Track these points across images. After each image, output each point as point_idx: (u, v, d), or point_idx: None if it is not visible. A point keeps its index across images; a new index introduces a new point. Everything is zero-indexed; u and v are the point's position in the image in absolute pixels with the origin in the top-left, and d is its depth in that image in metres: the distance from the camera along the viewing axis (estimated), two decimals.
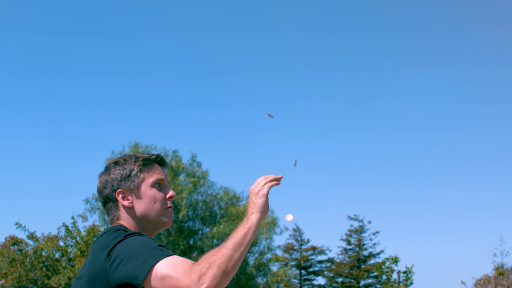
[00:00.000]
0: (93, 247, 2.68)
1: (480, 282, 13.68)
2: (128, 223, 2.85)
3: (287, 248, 68.16)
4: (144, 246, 2.52)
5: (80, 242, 26.26)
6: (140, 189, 2.85)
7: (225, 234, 25.07)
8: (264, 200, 2.71)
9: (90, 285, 2.60)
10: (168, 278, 2.41)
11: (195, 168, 26.71)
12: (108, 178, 2.90)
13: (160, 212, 2.86)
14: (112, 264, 2.53)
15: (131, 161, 2.90)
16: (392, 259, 31.17)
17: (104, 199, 2.93)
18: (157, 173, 2.90)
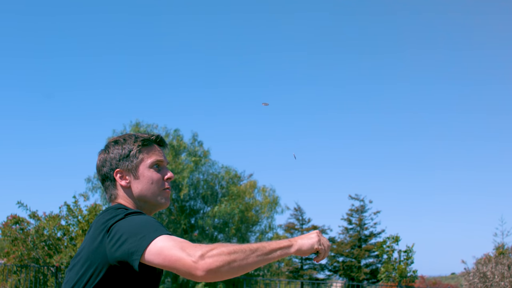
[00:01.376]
0: (93, 224, 2.68)
1: (481, 261, 13.70)
2: (126, 202, 2.85)
3: (288, 227, 68.32)
4: (144, 223, 2.50)
5: (82, 221, 26.32)
6: (138, 169, 2.85)
7: (226, 213, 25.10)
8: (310, 245, 2.67)
9: (89, 261, 2.59)
10: (167, 249, 2.37)
11: (197, 147, 26.70)
12: (107, 157, 2.90)
13: (157, 193, 2.86)
14: (111, 241, 2.53)
15: (131, 141, 2.89)
16: (393, 238, 31.21)
17: (102, 177, 2.91)
18: (156, 154, 2.89)
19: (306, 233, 2.74)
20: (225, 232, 25.88)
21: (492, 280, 12.56)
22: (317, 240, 2.69)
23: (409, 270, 30.80)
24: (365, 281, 55.87)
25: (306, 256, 2.43)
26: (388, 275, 30.99)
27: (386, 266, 31.02)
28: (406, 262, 30.71)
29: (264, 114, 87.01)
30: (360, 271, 65.17)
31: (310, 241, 2.68)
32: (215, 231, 25.95)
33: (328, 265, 68.90)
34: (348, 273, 65.41)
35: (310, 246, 2.68)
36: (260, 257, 2.45)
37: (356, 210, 67.58)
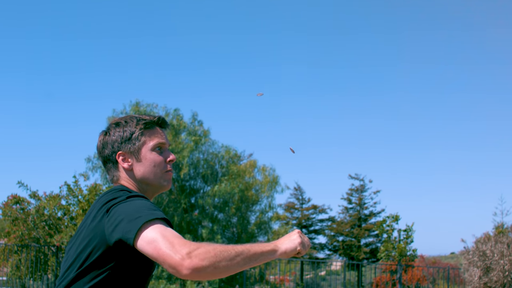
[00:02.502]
0: (95, 204, 2.69)
1: (480, 240, 13.73)
2: (128, 184, 2.85)
3: (288, 207, 68.43)
4: (143, 207, 2.51)
5: (82, 201, 26.35)
6: (141, 152, 2.85)
7: (226, 192, 25.10)
8: (293, 247, 2.69)
9: (88, 240, 2.60)
10: (158, 244, 2.38)
11: (197, 126, 26.67)
12: (108, 139, 2.89)
13: (159, 175, 2.86)
14: (109, 221, 2.54)
15: (133, 123, 2.88)
16: (392, 217, 31.30)
17: (104, 159, 2.91)
18: (158, 136, 2.89)
19: (288, 234, 2.76)
20: (225, 211, 25.91)
21: (492, 258, 12.59)
22: (299, 242, 2.71)
23: (408, 249, 30.90)
24: (365, 260, 56.11)
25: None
26: (388, 254, 31.10)
27: (386, 245, 31.11)
28: (406, 241, 30.79)
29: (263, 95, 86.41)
30: (360, 250, 65.37)
31: (293, 245, 2.70)
32: (215, 211, 25.99)
33: (328, 245, 69.07)
34: (348, 252, 65.60)
35: (293, 249, 2.70)
36: (245, 261, 2.46)
37: (356, 190, 67.65)
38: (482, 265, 12.65)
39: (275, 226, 29.02)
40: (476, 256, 12.86)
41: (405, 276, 38.62)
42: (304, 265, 61.18)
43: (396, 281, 33.33)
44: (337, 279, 46.65)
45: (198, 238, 25.21)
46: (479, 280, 12.62)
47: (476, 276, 12.66)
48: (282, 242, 2.69)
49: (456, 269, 28.82)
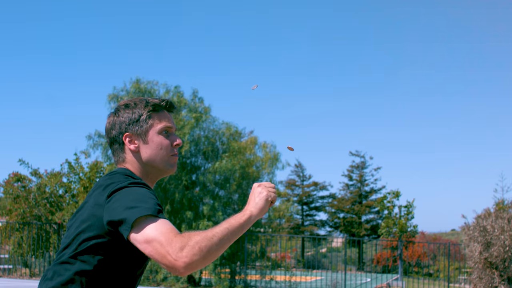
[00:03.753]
0: (98, 185, 2.70)
1: (481, 216, 13.77)
2: (133, 166, 2.87)
3: (289, 183, 68.56)
4: (141, 198, 2.53)
5: (83, 178, 26.41)
6: (148, 134, 2.86)
7: (227, 169, 25.09)
8: (265, 203, 2.72)
9: (89, 222, 2.63)
10: (152, 243, 2.43)
11: (197, 103, 26.59)
12: (116, 120, 2.90)
13: (165, 159, 2.88)
14: (108, 208, 2.57)
15: (141, 105, 2.89)
16: (393, 193, 31.40)
17: (111, 140, 2.93)
18: (166, 120, 2.91)
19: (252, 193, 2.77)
20: (226, 188, 25.91)
21: (492, 233, 12.63)
22: (266, 195, 2.73)
23: (409, 225, 31.06)
24: (366, 237, 56.28)
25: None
26: (388, 230, 31.24)
27: (387, 221, 31.25)
28: (407, 217, 30.92)
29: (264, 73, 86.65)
30: (360, 227, 65.58)
31: (263, 201, 2.72)
32: (216, 187, 25.98)
33: (329, 221, 69.31)
34: (349, 229, 65.82)
35: (265, 205, 2.73)
36: (229, 240, 2.52)
37: (357, 167, 67.77)
38: (483, 241, 12.68)
39: (276, 202, 29.03)
40: (477, 231, 12.89)
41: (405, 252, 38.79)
42: (305, 242, 61.42)
43: (397, 257, 33.48)
44: (338, 256, 46.82)
45: (199, 215, 25.25)
46: (479, 255, 12.66)
47: (477, 251, 12.70)
48: (253, 204, 2.71)
49: (457, 245, 28.92)
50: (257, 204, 2.70)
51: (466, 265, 24.67)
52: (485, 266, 12.68)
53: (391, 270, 38.37)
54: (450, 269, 26.46)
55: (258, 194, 2.73)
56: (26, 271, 26.88)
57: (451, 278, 27.41)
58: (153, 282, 24.37)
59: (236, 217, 2.61)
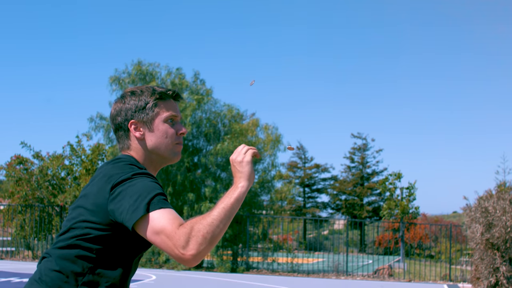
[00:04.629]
0: (102, 173, 2.70)
1: (483, 197, 13.77)
2: (138, 154, 2.87)
3: (291, 166, 68.59)
4: (145, 190, 2.54)
5: (85, 161, 26.46)
6: (154, 122, 2.87)
7: (229, 151, 25.06)
8: (249, 167, 2.71)
9: (93, 214, 2.64)
10: (158, 237, 2.47)
11: (199, 85, 26.52)
12: (122, 107, 2.90)
13: (170, 147, 2.89)
14: (113, 201, 2.58)
15: (148, 93, 2.89)
16: (395, 175, 31.41)
17: (116, 126, 2.93)
18: (171, 109, 2.92)
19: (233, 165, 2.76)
20: (228, 170, 25.90)
21: (494, 214, 12.63)
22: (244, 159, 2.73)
23: (411, 206, 31.07)
24: (368, 219, 56.41)
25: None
26: (390, 212, 31.26)
27: (389, 203, 31.25)
28: (408, 198, 30.93)
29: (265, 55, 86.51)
30: (362, 209, 65.65)
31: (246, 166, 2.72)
32: (218, 169, 25.98)
33: (331, 203, 69.39)
34: (351, 211, 65.93)
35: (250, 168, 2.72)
36: (228, 219, 2.54)
37: (359, 149, 67.78)
38: (484, 222, 12.69)
39: (278, 184, 29.04)
40: (478, 212, 12.90)
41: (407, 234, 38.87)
42: (307, 224, 61.51)
43: (398, 239, 33.54)
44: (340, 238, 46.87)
45: (201, 197, 25.26)
46: (481, 236, 12.67)
47: (478, 232, 12.71)
48: (240, 175, 2.70)
49: (458, 227, 28.94)
50: (243, 173, 2.69)
51: (467, 246, 24.73)
52: (486, 247, 12.70)
53: (393, 252, 38.47)
54: (451, 251, 26.51)
55: (238, 164, 2.73)
56: (29, 253, 26.96)
57: (452, 260, 27.45)
58: (156, 264, 24.46)
59: (229, 193, 2.61)
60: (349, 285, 20.60)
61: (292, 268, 25.08)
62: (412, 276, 25.42)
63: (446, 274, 24.65)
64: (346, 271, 24.75)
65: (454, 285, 21.68)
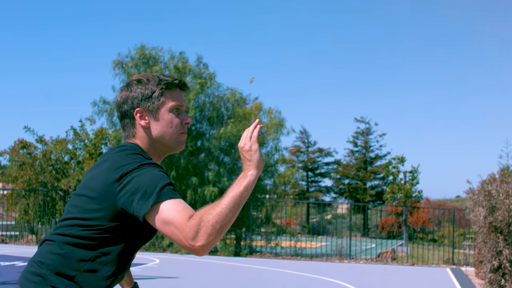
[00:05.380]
0: (109, 162, 2.71)
1: (486, 180, 13.75)
2: (143, 142, 2.88)
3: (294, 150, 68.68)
4: (154, 181, 2.56)
5: (89, 145, 26.47)
6: (159, 111, 2.87)
7: (232, 135, 25.07)
8: (258, 155, 2.69)
9: (100, 203, 2.65)
10: (169, 225, 2.48)
11: (202, 69, 26.48)
12: (128, 95, 2.90)
13: (174, 136, 2.90)
14: (121, 191, 2.59)
15: (154, 82, 2.89)
16: (398, 159, 31.39)
17: (122, 114, 2.93)
18: (177, 98, 2.92)
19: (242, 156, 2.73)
20: (231, 154, 25.91)
21: (497, 198, 12.62)
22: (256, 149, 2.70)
23: (414, 190, 31.07)
24: (371, 203, 56.45)
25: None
26: (393, 196, 31.26)
27: (392, 186, 31.24)
28: (412, 182, 30.93)
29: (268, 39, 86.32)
30: (365, 193, 65.77)
31: (255, 154, 2.70)
32: (221, 154, 25.99)
33: (334, 188, 69.51)
34: (354, 195, 66.03)
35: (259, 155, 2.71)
36: (238, 207, 2.55)
37: (362, 133, 67.81)
38: (488, 205, 12.68)
39: (281, 168, 29.08)
40: (482, 196, 12.88)
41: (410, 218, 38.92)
42: (310, 209, 61.63)
43: (401, 223, 33.57)
44: (343, 222, 46.94)
45: (205, 181, 25.27)
46: (484, 219, 12.67)
47: (482, 215, 12.70)
48: (249, 163, 2.69)
49: (461, 211, 28.96)
50: (252, 161, 2.68)
51: (470, 230, 24.75)
52: (489, 230, 12.69)
53: (396, 236, 38.52)
54: (454, 235, 26.54)
55: (246, 152, 2.71)
56: (33, 237, 27.04)
57: (455, 244, 27.51)
58: (159, 248, 24.53)
59: (239, 182, 2.61)
60: (352, 268, 20.66)
61: (295, 252, 25.14)
62: (415, 260, 25.48)
63: (449, 258, 24.69)
64: (349, 255, 24.81)
65: (457, 268, 21.73)
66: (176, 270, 17.37)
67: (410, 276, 18.63)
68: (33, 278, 2.66)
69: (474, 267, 19.55)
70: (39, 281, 2.65)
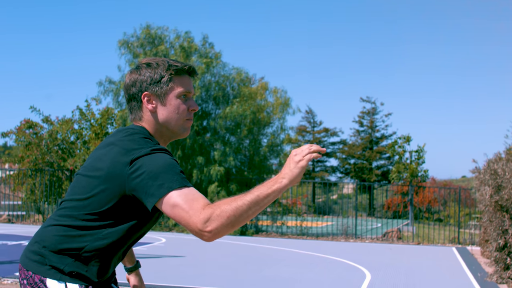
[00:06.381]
0: (119, 146, 2.71)
1: (492, 160, 13.75)
2: (149, 126, 2.89)
3: (300, 130, 68.69)
4: (167, 168, 2.57)
5: (95, 125, 26.50)
6: (167, 97, 2.87)
7: (238, 114, 25.06)
8: (299, 172, 2.65)
9: (107, 184, 2.65)
10: (178, 208, 2.49)
11: (208, 49, 26.44)
12: (137, 78, 2.90)
13: (180, 122, 2.90)
14: (132, 174, 2.59)
15: (164, 67, 2.89)
16: (404, 138, 31.36)
17: (129, 96, 2.93)
18: (185, 84, 2.92)
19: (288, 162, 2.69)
20: (237, 134, 25.91)
21: (503, 177, 12.62)
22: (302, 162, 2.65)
23: (420, 169, 31.06)
24: (376, 183, 56.51)
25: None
26: (399, 175, 31.26)
27: (398, 166, 31.22)
28: (417, 162, 30.90)
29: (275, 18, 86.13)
30: (371, 173, 65.81)
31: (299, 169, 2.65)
32: (227, 133, 26.00)
33: (340, 167, 69.57)
34: (360, 175, 66.08)
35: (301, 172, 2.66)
36: (257, 208, 2.56)
37: (368, 113, 67.73)
38: (494, 184, 12.68)
39: (287, 148, 29.08)
40: (488, 174, 12.88)
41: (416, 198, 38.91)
42: (316, 189, 61.67)
43: (407, 203, 33.58)
44: (349, 202, 47.01)
45: (211, 160, 25.31)
46: (490, 198, 12.68)
47: (488, 194, 12.71)
48: (287, 171, 2.65)
49: (467, 191, 28.96)
50: (292, 171, 2.64)
51: (476, 210, 24.76)
52: (495, 209, 12.70)
53: (402, 216, 38.54)
54: (460, 215, 26.55)
55: (294, 162, 2.67)
56: (39, 217, 27.16)
57: (461, 224, 27.53)
58: (165, 228, 24.62)
59: (269, 183, 2.61)
60: (358, 247, 20.71)
61: (301, 231, 25.20)
62: (421, 239, 25.53)
63: (455, 237, 24.73)
64: (355, 234, 24.85)
65: (463, 247, 21.77)
66: (182, 249, 17.44)
67: (416, 255, 18.67)
68: (34, 257, 2.68)
69: (479, 246, 19.58)
70: (39, 260, 2.67)
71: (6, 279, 10.50)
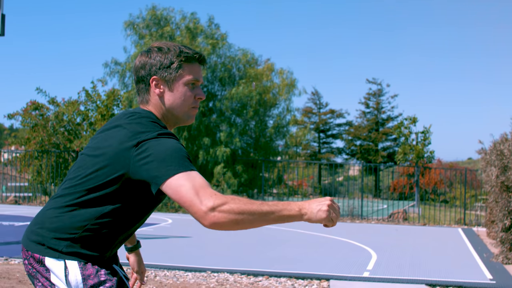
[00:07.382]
0: (126, 129, 2.70)
1: (498, 141, 13.72)
2: (156, 110, 2.90)
3: (306, 111, 68.60)
4: (173, 152, 2.57)
5: (101, 106, 26.52)
6: (175, 83, 2.88)
7: (244, 95, 25.06)
8: (320, 213, 2.58)
9: (111, 165, 2.65)
10: (185, 190, 2.47)
11: (214, 30, 26.40)
12: (147, 61, 2.91)
13: (185, 109, 2.91)
14: (137, 157, 2.59)
15: (174, 53, 2.89)
16: (410, 119, 31.28)
17: (138, 79, 2.94)
18: (195, 72, 2.92)
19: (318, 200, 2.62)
20: (242, 115, 25.91)
21: (509, 157, 12.60)
22: (326, 216, 2.59)
23: (426, 151, 30.98)
24: (382, 164, 56.46)
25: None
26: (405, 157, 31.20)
27: (403, 147, 31.15)
28: (423, 143, 30.83)
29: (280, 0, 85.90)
30: (377, 154, 65.78)
31: (319, 217, 2.59)
32: (233, 114, 26.01)
33: (346, 149, 69.57)
34: (366, 156, 66.06)
35: (318, 220, 2.61)
36: (268, 222, 2.52)
37: (374, 94, 67.59)
38: (500, 164, 12.67)
39: (293, 129, 29.09)
40: (494, 155, 12.87)
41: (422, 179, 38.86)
42: (322, 170, 61.67)
43: (413, 184, 33.54)
44: (355, 183, 47.02)
45: (216, 142, 25.33)
46: (496, 179, 12.67)
47: (494, 175, 12.70)
48: (313, 207, 2.60)
49: (473, 172, 28.93)
50: (313, 210, 2.59)
51: (482, 191, 24.74)
52: (501, 189, 12.70)
53: (408, 197, 38.53)
54: (466, 196, 26.55)
55: (322, 209, 2.60)
56: (46, 198, 27.25)
57: (467, 205, 27.52)
58: (171, 209, 24.69)
59: (290, 206, 2.56)
60: (364, 228, 20.75)
61: None
62: (427, 220, 25.55)
63: (461, 218, 24.75)
64: (361, 215, 24.89)
65: (469, 228, 21.78)
66: (188, 230, 17.49)
67: (422, 236, 18.70)
68: (33, 237, 2.70)
69: (485, 227, 19.59)
70: (37, 240, 2.68)
71: (13, 259, 10.58)
